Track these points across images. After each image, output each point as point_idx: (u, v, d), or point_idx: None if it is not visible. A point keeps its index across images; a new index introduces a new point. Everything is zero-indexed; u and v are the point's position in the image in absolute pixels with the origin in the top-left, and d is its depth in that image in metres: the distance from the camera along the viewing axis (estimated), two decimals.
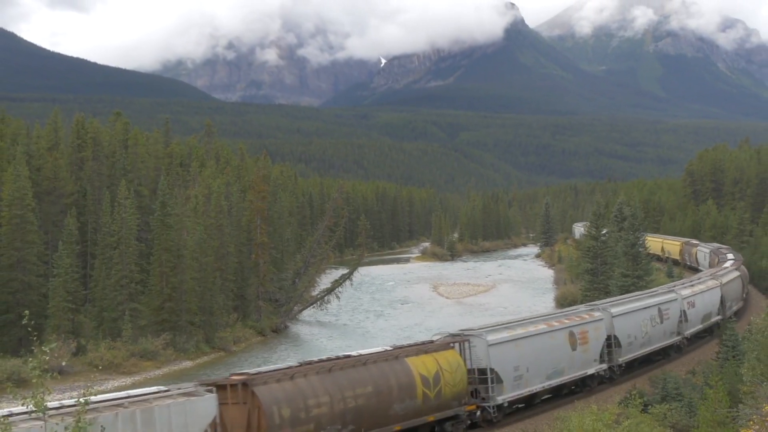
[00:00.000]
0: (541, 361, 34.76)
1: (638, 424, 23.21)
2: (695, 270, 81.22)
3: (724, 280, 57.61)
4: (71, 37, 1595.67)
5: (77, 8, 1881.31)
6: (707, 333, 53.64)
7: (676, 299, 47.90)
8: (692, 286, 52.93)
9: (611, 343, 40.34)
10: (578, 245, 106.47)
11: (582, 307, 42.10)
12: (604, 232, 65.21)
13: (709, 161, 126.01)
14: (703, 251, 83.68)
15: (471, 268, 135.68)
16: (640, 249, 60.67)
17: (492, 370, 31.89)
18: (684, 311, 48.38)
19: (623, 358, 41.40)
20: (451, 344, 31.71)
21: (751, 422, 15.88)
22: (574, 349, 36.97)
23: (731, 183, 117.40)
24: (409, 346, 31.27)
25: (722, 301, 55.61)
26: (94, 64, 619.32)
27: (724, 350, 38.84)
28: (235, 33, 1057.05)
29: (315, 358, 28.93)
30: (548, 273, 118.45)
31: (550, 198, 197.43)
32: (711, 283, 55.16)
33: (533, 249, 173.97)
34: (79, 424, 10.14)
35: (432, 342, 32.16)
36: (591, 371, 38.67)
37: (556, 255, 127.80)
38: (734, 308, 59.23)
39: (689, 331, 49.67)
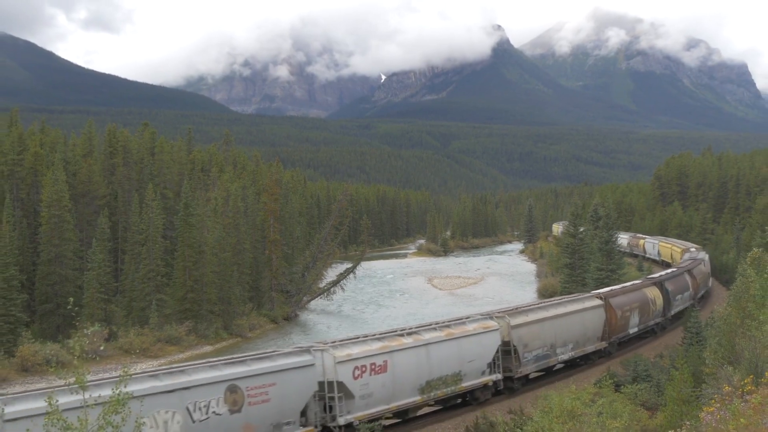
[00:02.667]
0: None
1: (612, 402, 23.19)
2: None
3: (518, 320, 34.63)
4: (103, 55, 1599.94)
5: (109, 29, 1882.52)
6: (473, 399, 32.34)
7: (310, 365, 25.09)
8: (400, 337, 28.81)
9: None
10: (558, 242, 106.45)
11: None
12: (581, 230, 65.11)
13: (676, 167, 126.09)
14: (690, 256, 72.84)
15: (462, 262, 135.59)
16: (613, 246, 60.66)
17: None
18: (337, 383, 25.56)
19: None
20: None
21: (713, 401, 15.88)
22: None
23: (695, 186, 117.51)
24: None
25: (512, 352, 33.75)
26: (124, 80, 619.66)
27: (689, 336, 38.81)
28: (250, 52, 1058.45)
29: None
30: (531, 267, 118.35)
31: (533, 200, 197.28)
32: (471, 327, 31.76)
33: (517, 245, 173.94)
34: (119, 398, 10.19)
35: None
36: None
37: (538, 251, 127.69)
38: (564, 356, 37.68)
39: (365, 412, 26.47)
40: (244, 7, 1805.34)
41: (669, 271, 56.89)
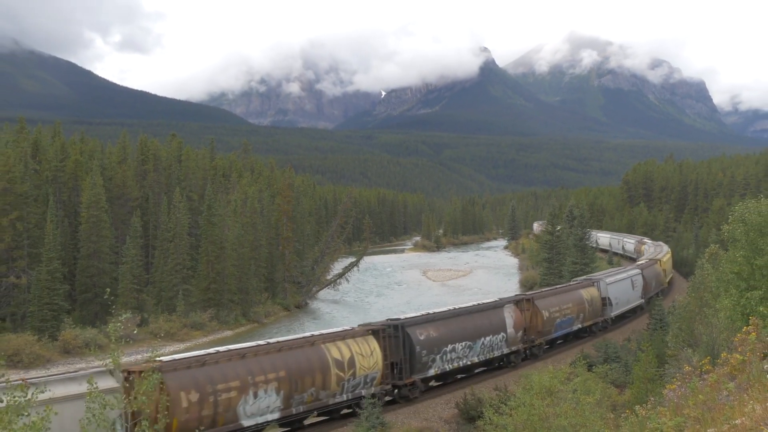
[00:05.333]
0: None
1: (585, 380, 23.17)
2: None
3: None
4: (136, 74, 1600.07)
5: (140, 51, 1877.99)
6: None
7: None
8: None
9: None
10: (538, 239, 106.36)
11: None
12: (558, 228, 65.13)
13: (642, 172, 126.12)
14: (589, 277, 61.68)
15: (453, 257, 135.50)
16: (587, 242, 60.60)
17: None
18: None
19: None
20: None
21: (675, 379, 15.90)
22: None
23: (659, 189, 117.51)
24: None
25: None
26: (154, 95, 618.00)
27: (653, 322, 38.84)
28: (265, 70, 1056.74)
29: None
30: (514, 261, 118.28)
31: (515, 202, 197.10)
32: None
33: (502, 242, 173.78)
34: (151, 378, 9.84)
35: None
36: None
37: (520, 247, 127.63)
38: None
39: None
40: (259, 31, 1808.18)
41: (443, 310, 32.67)
